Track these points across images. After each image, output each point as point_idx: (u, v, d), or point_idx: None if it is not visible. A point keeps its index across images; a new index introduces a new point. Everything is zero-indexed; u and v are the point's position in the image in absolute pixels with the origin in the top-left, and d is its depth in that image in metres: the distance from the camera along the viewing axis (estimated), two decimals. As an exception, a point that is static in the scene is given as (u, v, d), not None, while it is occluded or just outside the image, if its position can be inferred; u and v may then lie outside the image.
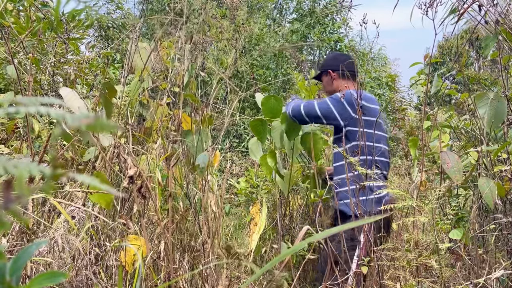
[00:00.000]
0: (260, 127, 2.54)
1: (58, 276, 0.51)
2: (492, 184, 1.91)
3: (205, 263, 2.13)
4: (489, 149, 2.16)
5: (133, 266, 1.91)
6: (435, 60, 2.94)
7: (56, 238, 1.85)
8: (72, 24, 3.07)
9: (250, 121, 2.62)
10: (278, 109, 2.51)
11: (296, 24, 11.43)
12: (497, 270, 1.83)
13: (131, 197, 2.13)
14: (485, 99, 2.05)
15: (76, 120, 0.39)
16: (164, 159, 2.11)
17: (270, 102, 2.51)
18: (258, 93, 2.86)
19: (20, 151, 2.49)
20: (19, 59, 2.93)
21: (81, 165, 2.27)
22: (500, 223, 2.13)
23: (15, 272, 0.45)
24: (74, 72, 3.07)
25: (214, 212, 2.24)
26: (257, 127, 2.54)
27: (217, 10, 10.44)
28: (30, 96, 2.00)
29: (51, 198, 1.77)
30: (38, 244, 0.52)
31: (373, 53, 11.75)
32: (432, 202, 1.83)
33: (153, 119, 2.42)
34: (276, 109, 2.52)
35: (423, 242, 1.90)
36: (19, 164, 0.38)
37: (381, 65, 11.74)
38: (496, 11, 1.90)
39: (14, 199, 0.37)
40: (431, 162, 3.43)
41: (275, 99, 2.51)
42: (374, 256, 1.98)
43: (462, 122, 3.06)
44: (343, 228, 0.51)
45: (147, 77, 2.43)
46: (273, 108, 2.51)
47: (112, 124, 0.40)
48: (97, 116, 0.39)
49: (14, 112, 0.45)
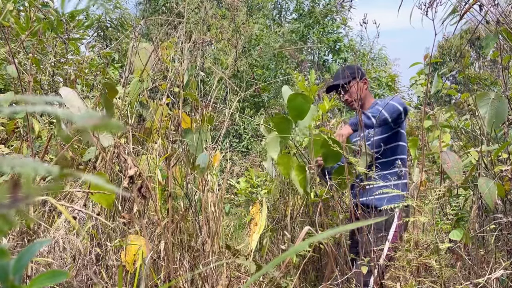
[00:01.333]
0: (284, 125, 2.35)
1: (59, 276, 0.51)
2: (492, 184, 1.91)
3: (205, 263, 2.14)
4: (489, 148, 2.16)
5: (134, 266, 1.91)
6: (435, 60, 2.94)
7: (57, 238, 1.85)
8: (72, 24, 3.07)
9: (274, 116, 2.46)
10: (305, 109, 2.34)
11: (295, 24, 11.43)
12: (497, 270, 1.83)
13: (131, 197, 2.14)
14: (486, 99, 2.05)
15: (83, 120, 0.38)
16: (164, 159, 2.11)
17: (297, 100, 2.32)
18: (286, 87, 2.71)
19: (20, 151, 2.48)
20: (19, 59, 2.93)
21: (81, 165, 2.27)
22: (500, 223, 2.13)
23: (18, 271, 0.45)
24: (74, 72, 3.07)
25: (214, 212, 2.24)
26: (281, 124, 2.36)
27: (217, 10, 10.45)
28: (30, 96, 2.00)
29: (51, 199, 1.77)
30: (41, 243, 0.52)
31: (373, 53, 11.75)
32: (432, 202, 1.83)
33: (153, 119, 2.42)
34: (302, 108, 2.34)
35: (423, 242, 1.90)
36: (26, 163, 0.38)
37: (381, 65, 11.74)
38: (497, 11, 1.90)
39: (21, 198, 0.37)
40: (431, 162, 3.43)
41: (303, 97, 2.33)
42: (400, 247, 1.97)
43: (462, 122, 3.06)
44: (347, 228, 0.51)
45: (147, 78, 2.43)
46: (299, 106, 2.33)
47: (119, 124, 0.39)
48: (103, 116, 0.39)
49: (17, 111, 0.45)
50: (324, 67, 11.63)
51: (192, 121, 2.40)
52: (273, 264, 0.44)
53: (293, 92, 2.45)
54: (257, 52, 10.01)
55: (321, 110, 3.13)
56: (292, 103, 2.36)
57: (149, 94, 2.57)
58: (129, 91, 2.38)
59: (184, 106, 2.36)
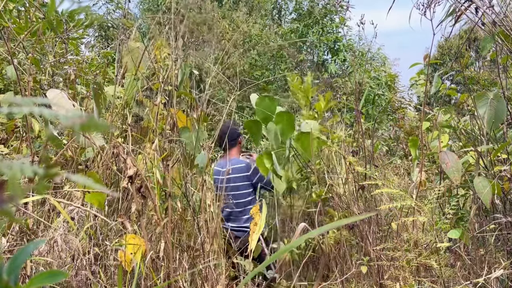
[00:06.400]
0: (254, 128, 2.52)
1: (57, 275, 0.51)
2: (487, 183, 1.91)
3: (204, 263, 2.13)
4: (489, 147, 2.16)
5: (132, 265, 1.91)
6: (434, 61, 2.95)
7: (56, 238, 1.85)
8: (72, 24, 3.06)
9: (245, 121, 2.62)
10: (273, 110, 2.50)
11: (295, 24, 11.44)
12: (496, 270, 1.84)
13: (128, 196, 2.14)
14: (484, 99, 2.05)
15: (68, 120, 0.38)
16: (161, 159, 2.11)
17: (264, 102, 2.49)
18: (253, 94, 2.85)
19: (19, 151, 2.48)
20: (19, 59, 2.93)
21: (81, 165, 2.27)
22: (499, 223, 2.13)
23: (13, 272, 0.45)
24: (74, 72, 3.06)
25: (212, 212, 2.24)
26: (252, 128, 2.52)
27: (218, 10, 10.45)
28: (29, 96, 2.00)
29: (51, 198, 1.77)
30: (36, 243, 0.52)
31: (372, 53, 11.76)
32: (431, 202, 1.83)
33: (149, 119, 2.42)
34: (270, 110, 2.50)
35: (422, 242, 1.90)
36: (13, 165, 0.38)
37: (380, 65, 11.74)
38: (493, 13, 1.90)
39: (7, 199, 0.37)
40: (431, 162, 3.43)
41: (270, 99, 2.49)
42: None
43: (461, 123, 3.06)
44: (342, 223, 0.51)
45: (141, 77, 2.43)
46: (267, 109, 2.49)
47: (104, 124, 0.39)
48: (90, 115, 0.39)
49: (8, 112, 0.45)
50: (323, 67, 11.64)
51: (188, 119, 2.40)
52: (268, 262, 0.44)
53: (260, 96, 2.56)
54: (256, 51, 10.01)
55: (317, 109, 3.13)
56: (259, 106, 2.54)
57: (144, 93, 2.57)
58: (124, 89, 2.38)
59: (180, 104, 2.36)
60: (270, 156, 2.53)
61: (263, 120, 2.55)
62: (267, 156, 2.52)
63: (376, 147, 3.54)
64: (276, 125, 2.52)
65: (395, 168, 5.54)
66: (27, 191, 0.46)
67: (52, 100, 1.96)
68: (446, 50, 15.88)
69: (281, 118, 2.49)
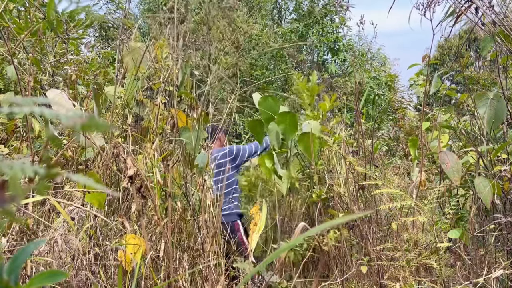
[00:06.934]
0: (258, 128, 2.52)
1: (57, 275, 0.51)
2: (487, 183, 1.91)
3: (204, 263, 2.13)
4: (489, 147, 2.16)
5: (132, 265, 1.91)
6: (434, 61, 2.95)
7: (56, 238, 1.85)
8: (72, 24, 3.06)
9: (248, 121, 2.62)
10: (276, 109, 2.49)
11: (295, 24, 11.44)
12: (496, 269, 1.84)
13: (128, 196, 2.14)
14: (484, 99, 2.05)
15: (69, 120, 0.38)
16: (161, 159, 2.11)
17: (267, 102, 2.49)
18: (256, 93, 2.85)
19: (20, 151, 2.48)
20: (19, 59, 2.93)
21: (81, 165, 2.28)
22: (499, 223, 2.13)
23: (13, 272, 0.45)
24: (74, 72, 3.06)
25: (213, 212, 2.24)
26: (255, 127, 2.52)
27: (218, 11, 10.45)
28: (29, 96, 2.00)
29: (51, 198, 1.77)
30: (36, 243, 0.52)
31: (372, 53, 11.75)
32: (431, 202, 1.83)
33: (149, 119, 2.42)
34: (273, 110, 2.49)
35: (422, 242, 1.90)
36: (13, 165, 0.38)
37: (380, 65, 11.74)
38: (492, 13, 1.90)
39: (8, 199, 0.37)
40: (431, 162, 3.43)
41: (272, 99, 2.49)
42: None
43: (461, 123, 3.06)
44: (340, 221, 0.51)
45: (142, 77, 2.43)
46: (270, 108, 2.49)
47: (105, 124, 0.40)
48: (90, 115, 0.39)
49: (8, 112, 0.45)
50: (323, 67, 11.64)
51: (188, 119, 2.40)
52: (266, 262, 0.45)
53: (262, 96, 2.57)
54: (256, 51, 10.01)
55: (322, 109, 3.13)
56: (262, 106, 2.54)
57: (144, 93, 2.58)
58: (125, 89, 2.38)
59: (180, 104, 2.36)
60: (271, 156, 2.53)
61: (267, 120, 2.54)
62: (268, 156, 2.53)
63: (376, 147, 3.55)
64: (278, 125, 2.52)
65: (395, 168, 5.54)
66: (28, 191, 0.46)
67: (52, 100, 1.96)
68: (446, 50, 15.88)
69: (284, 118, 2.48)
